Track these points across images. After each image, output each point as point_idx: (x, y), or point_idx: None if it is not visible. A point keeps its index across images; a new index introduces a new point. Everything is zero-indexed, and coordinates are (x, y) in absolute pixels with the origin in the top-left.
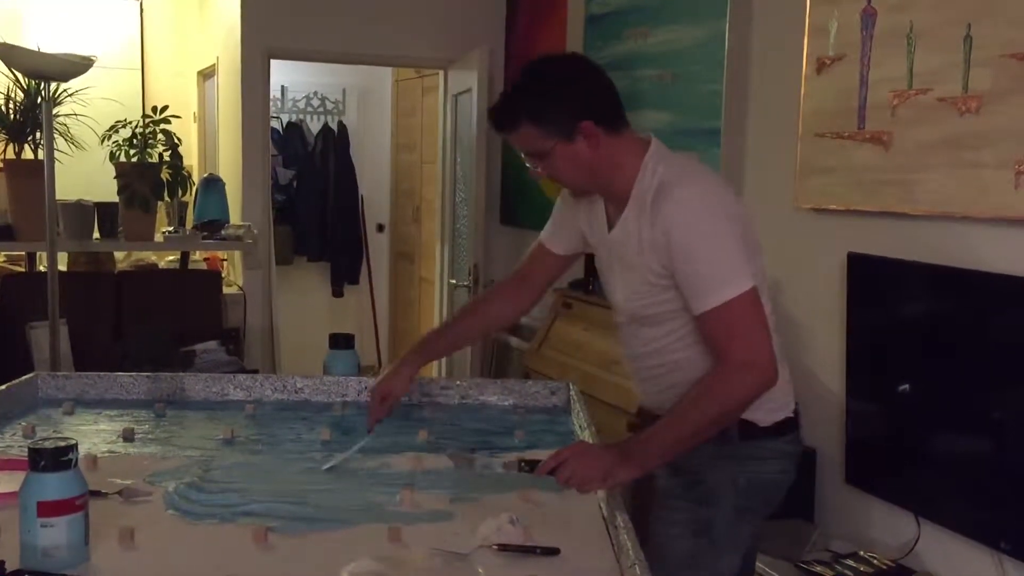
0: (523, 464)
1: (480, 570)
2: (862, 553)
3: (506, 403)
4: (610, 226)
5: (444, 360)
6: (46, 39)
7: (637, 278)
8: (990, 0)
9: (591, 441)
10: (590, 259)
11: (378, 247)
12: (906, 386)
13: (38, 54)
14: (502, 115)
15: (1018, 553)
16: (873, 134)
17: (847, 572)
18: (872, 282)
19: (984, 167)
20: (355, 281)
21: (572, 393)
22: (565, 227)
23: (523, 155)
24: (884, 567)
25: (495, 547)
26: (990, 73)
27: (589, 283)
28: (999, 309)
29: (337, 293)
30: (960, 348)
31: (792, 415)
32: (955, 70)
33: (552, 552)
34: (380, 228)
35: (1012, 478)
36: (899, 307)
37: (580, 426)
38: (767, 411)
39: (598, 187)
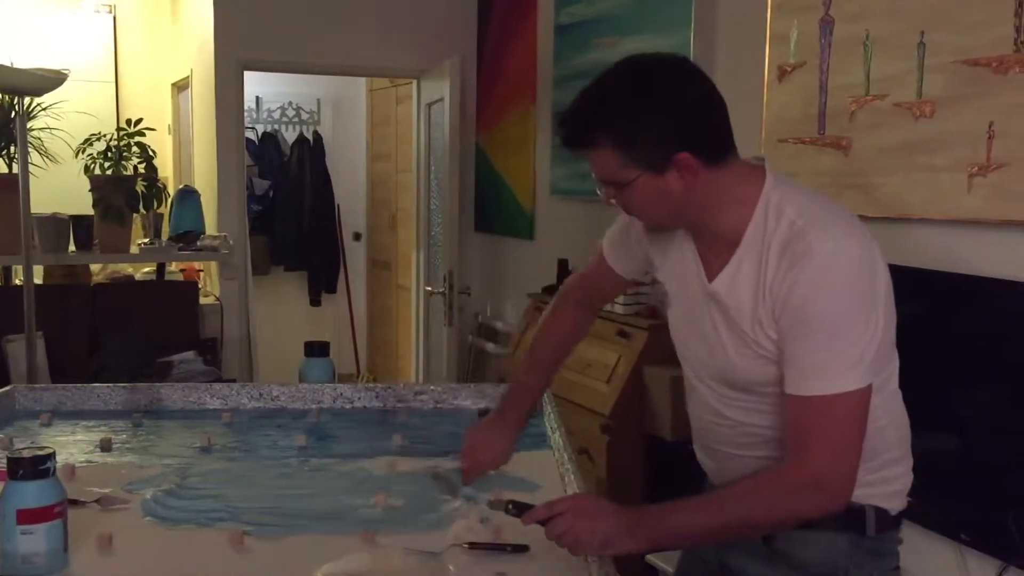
0: (510, 507)
1: (451, 567)
2: None
3: (480, 407)
4: (708, 272)
5: (421, 365)
6: (19, 53)
7: (746, 341)
8: (942, 9)
9: (561, 445)
10: (562, 264)
11: (355, 255)
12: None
13: (11, 69)
14: (574, 130)
15: (977, 544)
16: (833, 139)
17: None
18: None
19: (939, 170)
20: (332, 290)
21: (544, 396)
22: (631, 250)
23: (595, 179)
24: None
25: (466, 545)
26: (943, 79)
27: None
28: (956, 308)
29: (314, 302)
30: (919, 346)
31: (910, 499)
32: (910, 76)
33: (522, 549)
34: (357, 237)
35: (972, 473)
36: None
37: (551, 427)
38: (901, 498)
39: (683, 225)
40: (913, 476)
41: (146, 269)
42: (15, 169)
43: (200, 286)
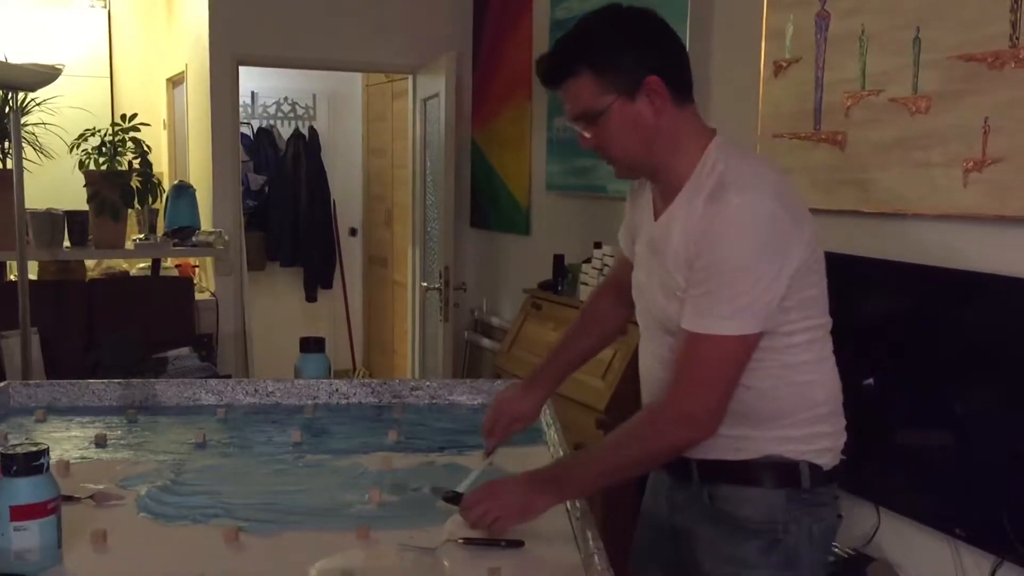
0: (448, 494)
1: (446, 563)
2: None
3: (475, 402)
4: (656, 216)
5: (417, 361)
6: (13, 49)
7: (668, 281)
8: (938, 4)
9: (556, 441)
10: (558, 259)
11: (351, 251)
12: (870, 380)
13: (5, 64)
14: (556, 59)
15: (972, 539)
16: (829, 135)
17: None
18: (830, 279)
19: (934, 166)
20: (328, 286)
21: None
22: (632, 230)
23: (570, 121)
24: (845, 555)
25: (461, 541)
26: (938, 74)
27: (558, 284)
28: (951, 304)
29: (310, 298)
30: (914, 342)
31: (844, 456)
32: (905, 71)
33: (516, 544)
34: (353, 232)
35: (967, 469)
36: (856, 303)
37: (547, 423)
38: (834, 455)
39: (651, 166)
40: (846, 436)
41: (141, 265)
42: (9, 165)
43: (195, 282)
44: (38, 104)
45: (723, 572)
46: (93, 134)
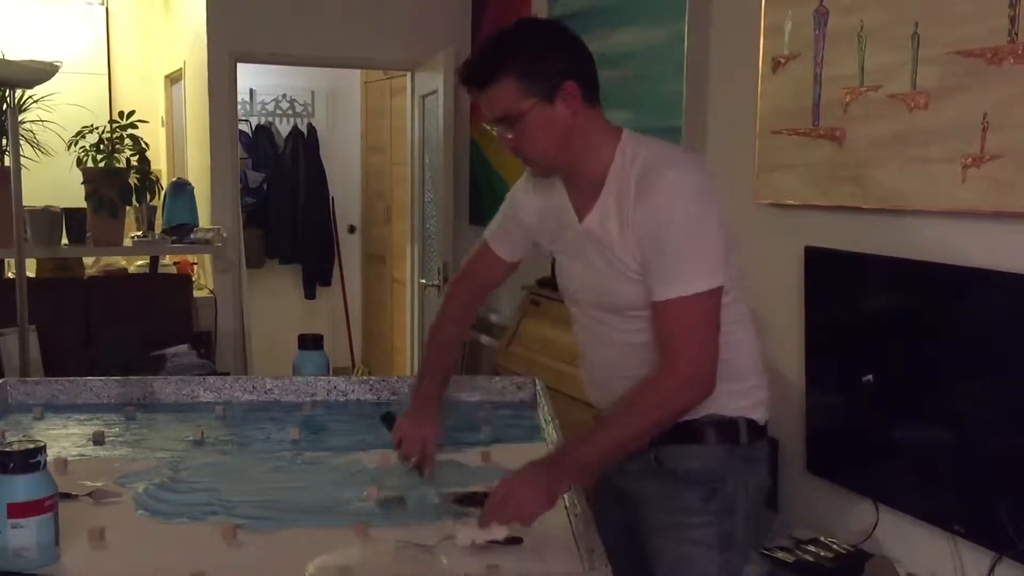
0: (460, 495)
1: (444, 560)
2: (823, 539)
3: (474, 399)
4: (580, 214)
5: (416, 358)
6: (10, 45)
7: (619, 267)
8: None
9: (555, 438)
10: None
11: (350, 248)
12: (869, 377)
13: (2, 61)
14: (481, 65)
15: (970, 535)
16: (827, 131)
17: (808, 557)
18: (829, 275)
19: (933, 162)
20: (327, 283)
21: (538, 388)
22: (515, 233)
23: (490, 124)
24: (844, 551)
25: (453, 502)
26: (937, 70)
27: (556, 281)
28: (950, 300)
29: (309, 295)
30: (913, 338)
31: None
32: (904, 67)
33: (515, 541)
34: (351, 229)
35: (965, 465)
36: (855, 299)
37: (545, 420)
38: (765, 409)
39: (567, 165)
40: (768, 392)
41: (139, 262)
42: (7, 162)
43: (194, 279)
44: (36, 101)
45: (668, 521)
46: (91, 131)
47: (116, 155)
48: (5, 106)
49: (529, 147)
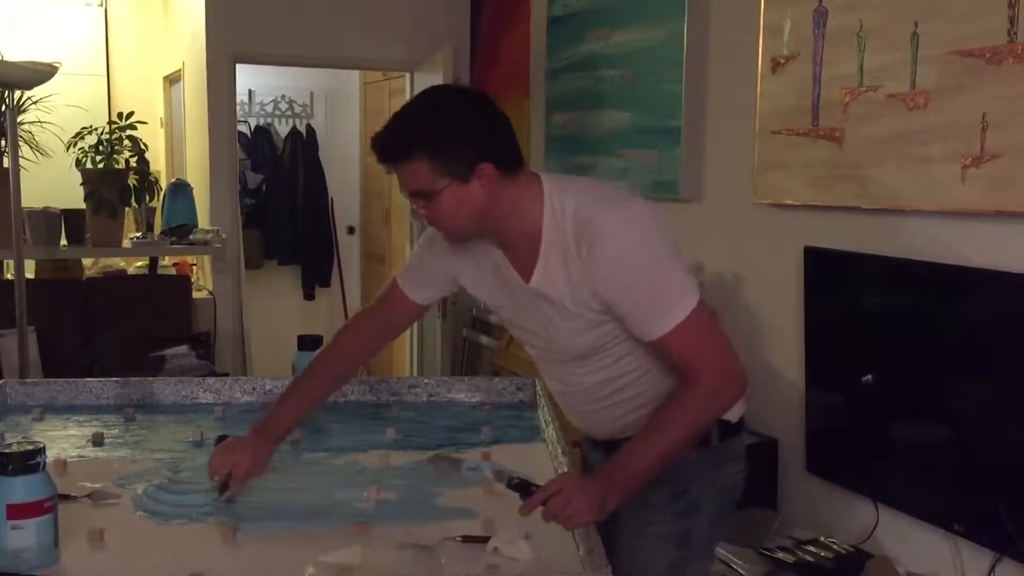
0: (514, 480)
1: (444, 560)
2: (823, 539)
3: (473, 400)
4: (523, 274)
5: (415, 359)
6: (9, 46)
7: (577, 320)
8: None
9: (555, 438)
10: None
11: (349, 249)
12: (869, 377)
13: (1, 62)
14: (392, 144)
15: (970, 534)
16: (826, 131)
17: (808, 557)
18: (828, 275)
19: (932, 161)
20: (326, 283)
21: (538, 389)
22: (433, 276)
23: (404, 193)
24: (844, 551)
25: (459, 539)
26: (936, 70)
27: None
28: (949, 299)
29: (308, 296)
30: (913, 338)
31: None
32: (903, 67)
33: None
34: (351, 230)
35: (964, 464)
36: (854, 299)
37: (545, 421)
38: (740, 405)
39: (492, 232)
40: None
41: (138, 263)
42: (6, 163)
43: (193, 280)
44: (35, 102)
45: (636, 517)
46: (90, 132)
47: (115, 156)
48: (4, 107)
49: (442, 221)
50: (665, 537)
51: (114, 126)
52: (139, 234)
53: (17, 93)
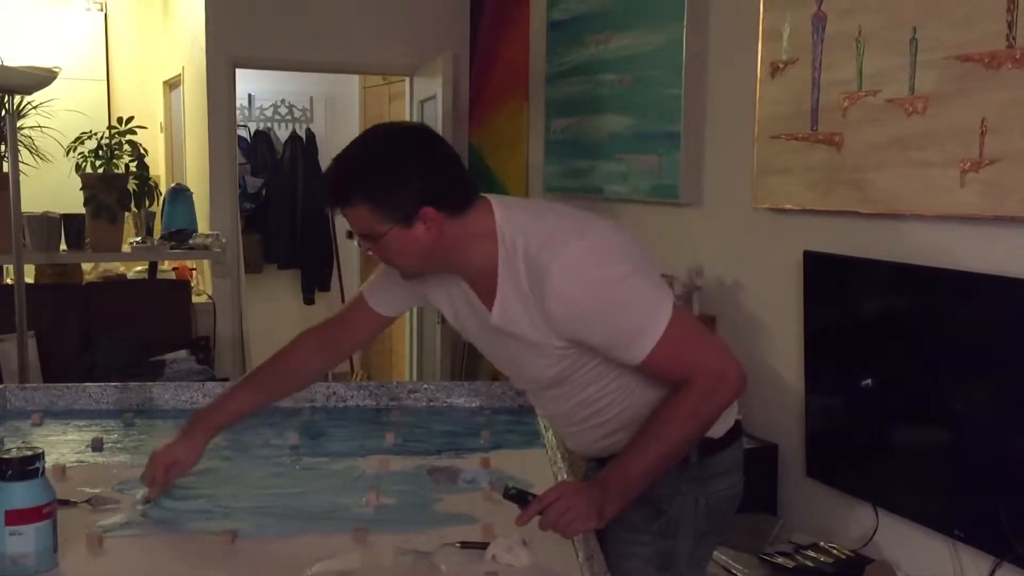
0: (511, 490)
1: (443, 567)
2: (822, 544)
3: (473, 405)
4: (487, 305)
5: (415, 364)
6: (9, 51)
7: (543, 355)
8: (934, 4)
9: (554, 443)
10: None
11: (348, 253)
12: (868, 381)
13: (1, 67)
14: (335, 192)
15: (970, 539)
16: (826, 135)
17: (808, 563)
18: (828, 279)
19: (931, 166)
20: (326, 288)
21: None
22: (402, 289)
23: (351, 234)
24: (844, 556)
25: (458, 544)
26: (935, 74)
27: None
28: (948, 304)
29: (308, 300)
30: (912, 342)
31: (738, 418)
32: (902, 72)
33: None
34: (350, 235)
35: (964, 469)
36: (854, 303)
37: (544, 425)
38: (720, 422)
39: (436, 270)
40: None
41: (138, 268)
42: (5, 168)
43: (192, 285)
44: (34, 107)
45: (617, 536)
46: (90, 137)
47: (115, 161)
48: (4, 112)
49: (392, 261)
50: (645, 557)
51: (114, 131)
52: (139, 239)
53: (17, 98)
